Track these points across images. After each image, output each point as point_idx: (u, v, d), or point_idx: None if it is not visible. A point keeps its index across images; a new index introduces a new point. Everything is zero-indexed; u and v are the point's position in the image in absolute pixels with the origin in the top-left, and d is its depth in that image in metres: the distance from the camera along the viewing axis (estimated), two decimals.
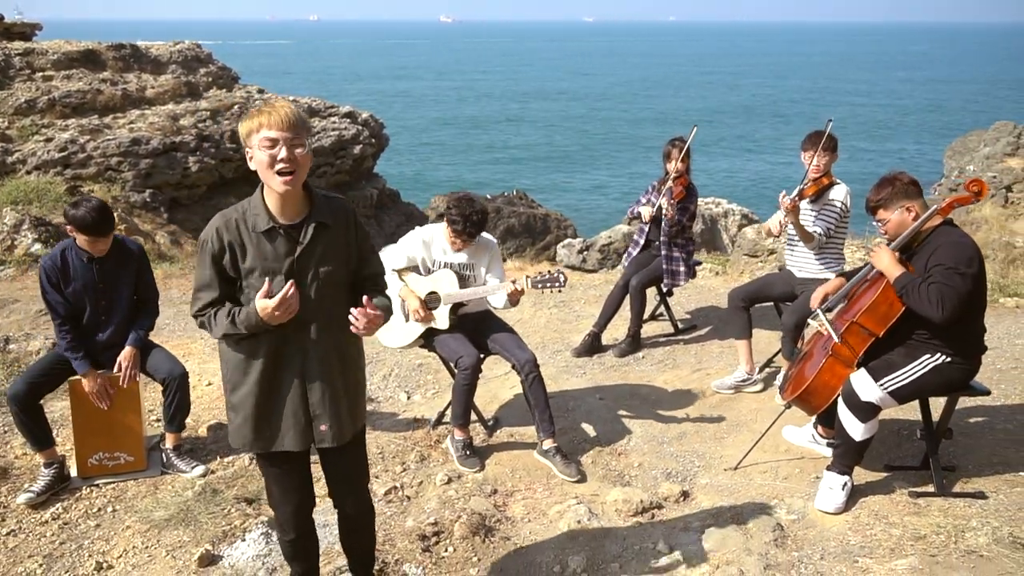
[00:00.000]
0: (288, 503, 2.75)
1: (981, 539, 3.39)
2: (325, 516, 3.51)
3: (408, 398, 5.14)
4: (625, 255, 6.08)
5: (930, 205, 3.63)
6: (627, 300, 5.77)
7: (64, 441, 4.28)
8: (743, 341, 5.11)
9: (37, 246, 7.80)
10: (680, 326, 6.19)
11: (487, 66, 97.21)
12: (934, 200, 3.73)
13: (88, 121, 12.64)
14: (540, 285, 4.05)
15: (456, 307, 4.25)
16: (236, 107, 14.30)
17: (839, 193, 4.81)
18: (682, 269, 5.70)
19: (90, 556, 3.41)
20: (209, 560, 3.34)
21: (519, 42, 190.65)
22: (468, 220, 4.10)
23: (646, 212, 5.66)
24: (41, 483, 3.82)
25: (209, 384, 5.18)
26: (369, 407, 4.99)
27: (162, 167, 12.44)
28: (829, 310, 3.97)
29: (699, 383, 5.32)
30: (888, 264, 3.53)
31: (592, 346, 5.75)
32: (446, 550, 3.53)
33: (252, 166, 2.43)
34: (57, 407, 4.66)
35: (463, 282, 4.25)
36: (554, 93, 63.65)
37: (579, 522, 3.73)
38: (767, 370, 5.36)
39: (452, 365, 4.20)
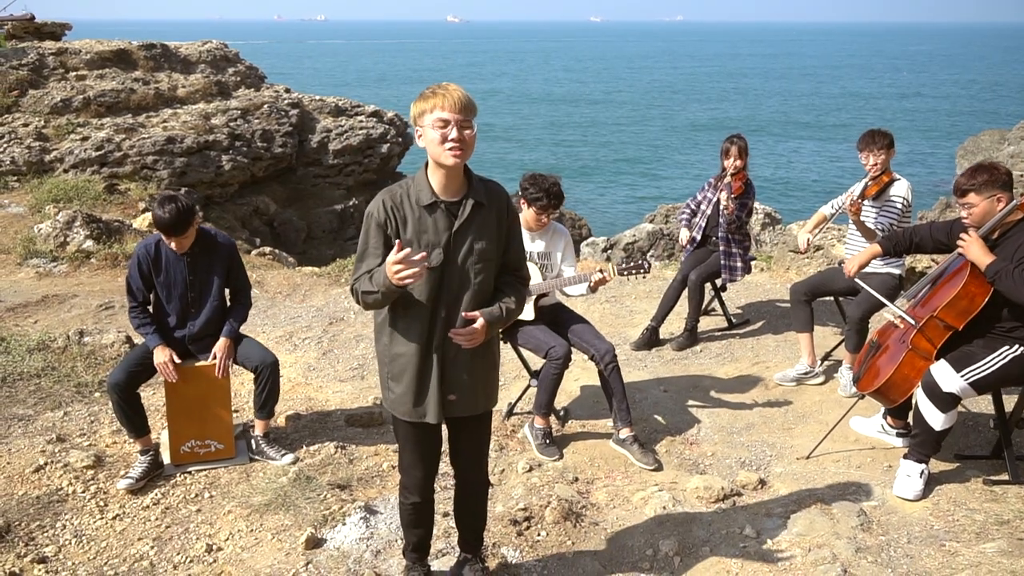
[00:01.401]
0: (419, 469, 2.89)
1: None
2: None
3: None
4: (683, 250, 6.17)
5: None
6: (684, 294, 5.86)
7: (156, 429, 4.39)
8: (805, 334, 5.19)
9: (89, 243, 7.93)
10: (734, 321, 6.28)
11: (499, 67, 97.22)
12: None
13: (123, 120, 12.79)
14: (626, 272, 4.15)
15: (538, 298, 4.35)
16: (265, 106, 14.42)
17: (900, 189, 4.90)
18: (739, 264, 5.80)
19: (198, 539, 3.52)
20: (315, 543, 3.45)
21: (528, 42, 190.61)
22: (550, 193, 4.19)
23: (684, 236, 5.79)
24: (139, 469, 3.93)
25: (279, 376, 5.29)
26: None
27: (196, 165, 12.59)
28: (907, 300, 4.06)
29: (760, 375, 5.41)
30: (979, 252, 3.62)
31: (650, 340, 5.85)
32: (539, 534, 3.63)
33: (420, 143, 2.58)
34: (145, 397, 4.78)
35: (541, 272, 4.35)
36: (562, 96, 63.74)
37: (664, 508, 3.83)
38: (826, 363, 5.44)
39: (542, 356, 4.28)
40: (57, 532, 3.54)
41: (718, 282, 6.10)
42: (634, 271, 4.19)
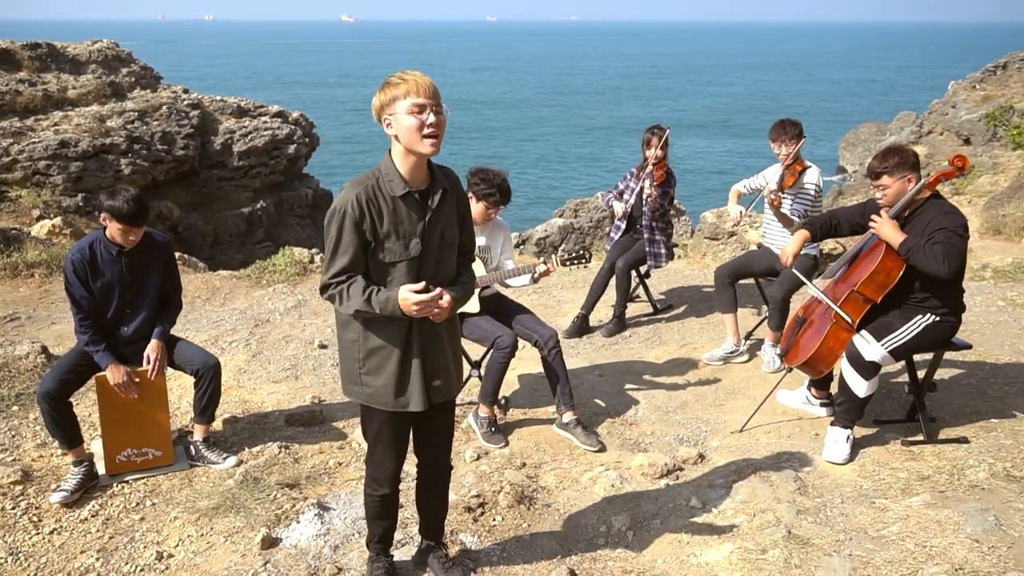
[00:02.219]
0: (391, 460, 2.90)
1: (980, 474, 3.77)
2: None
3: None
4: (607, 239, 6.32)
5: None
6: (611, 282, 6.02)
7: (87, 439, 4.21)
8: (730, 315, 5.42)
9: None
10: (658, 306, 6.48)
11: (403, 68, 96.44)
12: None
13: (9, 124, 12.09)
14: (569, 263, 4.24)
15: (481, 289, 4.40)
16: (164, 108, 13.90)
17: (812, 176, 5.17)
18: (663, 251, 5.99)
19: (145, 547, 3.41)
20: (271, 543, 3.39)
21: (426, 42, 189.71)
22: (501, 189, 4.27)
23: (619, 208, 5.95)
24: (73, 481, 3.77)
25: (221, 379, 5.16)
26: None
27: (93, 170, 12.03)
28: (829, 277, 4.30)
29: (688, 356, 5.61)
30: (891, 231, 3.87)
31: (581, 328, 5.98)
32: (494, 519, 3.68)
33: (391, 132, 2.56)
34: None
35: (484, 265, 4.40)
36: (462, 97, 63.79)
37: (612, 486, 3.95)
38: (749, 342, 5.69)
39: (488, 345, 4.33)
40: None
41: (642, 269, 6.29)
42: (576, 261, 4.29)
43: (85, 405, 4.54)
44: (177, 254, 9.79)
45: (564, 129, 46.95)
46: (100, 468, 3.98)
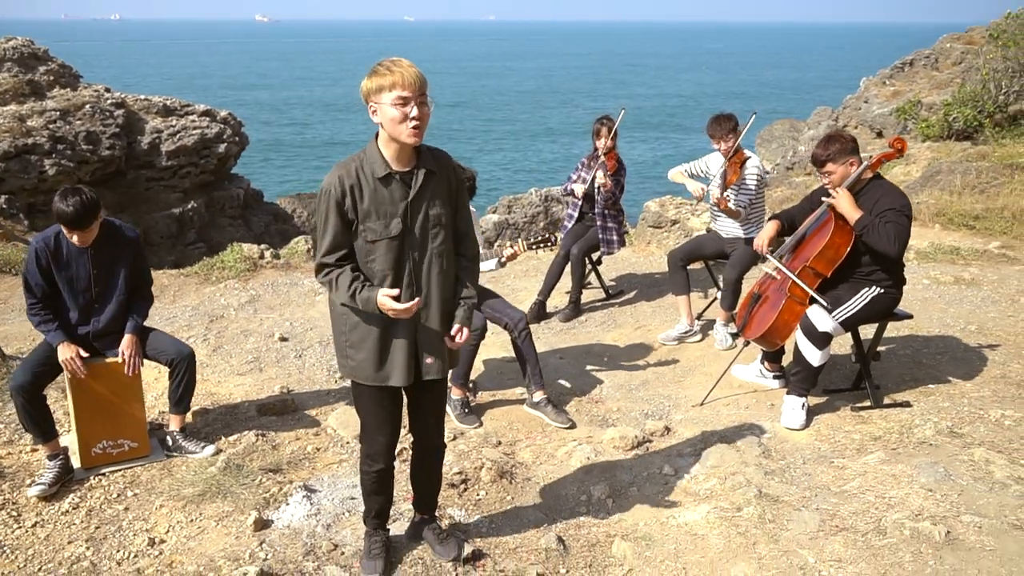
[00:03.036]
0: (383, 434, 2.97)
1: (927, 432, 4.08)
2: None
3: None
4: (561, 228, 6.50)
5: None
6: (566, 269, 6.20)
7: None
8: (683, 297, 5.66)
9: None
10: (610, 291, 6.69)
11: (322, 70, 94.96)
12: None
13: None
14: (535, 246, 4.38)
15: None
16: (87, 107, 13.48)
17: (751, 166, 5.43)
18: (615, 238, 6.20)
19: (135, 535, 3.40)
20: (263, 524, 3.43)
21: (343, 42, 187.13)
22: (471, 184, 4.39)
23: (579, 189, 6.11)
24: (49, 475, 3.72)
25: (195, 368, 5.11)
26: (344, 383, 5.12)
27: (15, 171, 11.63)
28: (780, 256, 4.56)
29: (644, 338, 5.83)
30: (848, 206, 4.13)
31: (539, 313, 6.13)
32: (478, 494, 3.80)
33: (376, 119, 2.64)
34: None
35: None
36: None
37: (588, 459, 4.11)
38: (700, 322, 5.94)
39: None
40: None
41: (594, 256, 6.48)
42: (542, 244, 4.45)
43: (53, 397, 4.45)
44: None
45: (487, 128, 47.16)
46: (75, 462, 3.93)
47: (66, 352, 3.75)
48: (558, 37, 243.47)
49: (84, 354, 3.80)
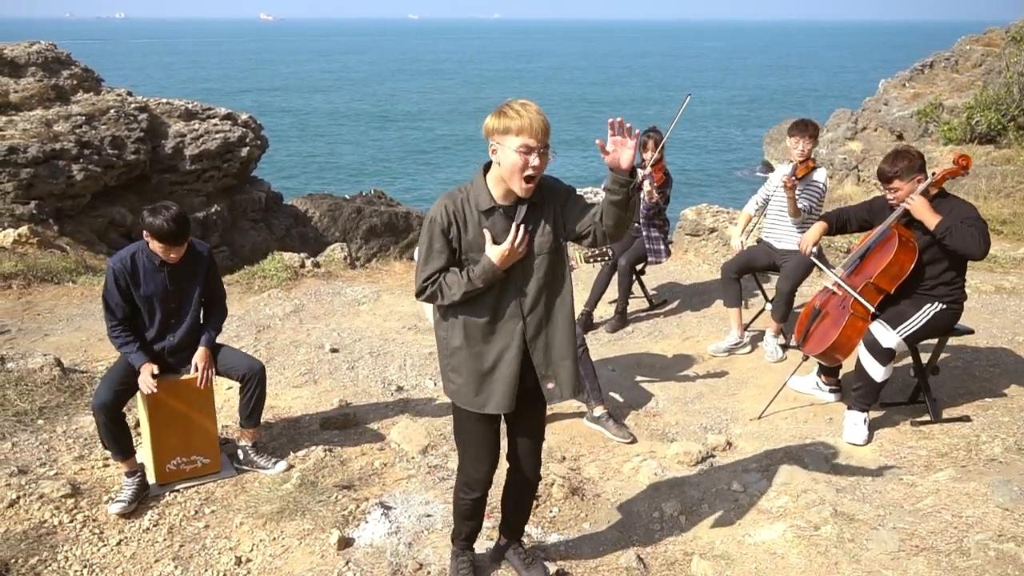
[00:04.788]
0: (484, 462, 2.99)
1: (996, 449, 4.10)
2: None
3: (435, 384, 5.33)
4: None
5: None
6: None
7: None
8: (735, 309, 5.68)
9: None
10: (654, 301, 6.72)
11: (335, 74, 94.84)
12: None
13: None
14: (592, 259, 4.42)
15: None
16: (112, 111, 13.53)
17: (820, 175, 5.48)
18: (662, 247, 6.22)
19: (220, 553, 3.44)
20: (346, 543, 3.46)
21: (351, 39, 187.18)
22: None
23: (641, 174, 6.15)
24: (128, 492, 3.76)
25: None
26: (401, 395, 5.16)
27: (44, 176, 11.67)
28: (843, 271, 4.57)
29: (692, 349, 5.86)
30: (927, 212, 4.13)
31: (587, 324, 6.16)
32: (551, 511, 3.83)
33: (494, 158, 2.67)
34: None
35: None
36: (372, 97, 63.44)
37: (655, 475, 4.14)
38: (749, 333, 5.96)
39: None
40: (62, 565, 3.35)
41: (638, 266, 6.51)
42: (599, 258, 4.48)
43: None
44: None
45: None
46: (149, 478, 3.97)
47: (145, 375, 3.79)
48: (556, 35, 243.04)
49: (155, 371, 3.84)
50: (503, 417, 3.00)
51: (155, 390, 3.79)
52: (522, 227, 2.72)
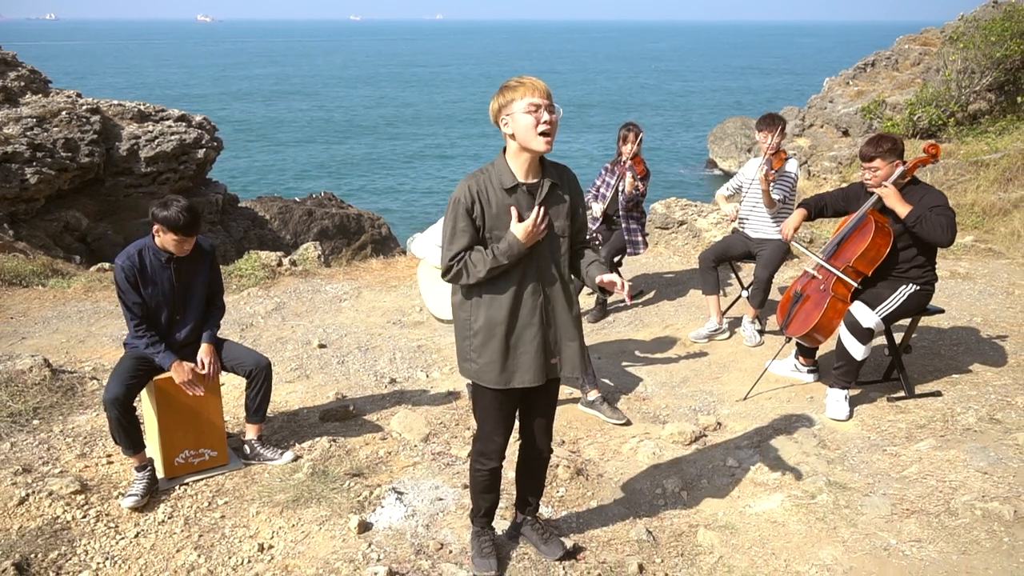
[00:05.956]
0: (500, 435, 3.11)
1: (970, 419, 4.36)
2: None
3: (427, 376, 5.43)
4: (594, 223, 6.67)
5: None
6: None
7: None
8: (713, 296, 5.89)
9: None
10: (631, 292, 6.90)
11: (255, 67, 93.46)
12: None
13: None
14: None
15: None
16: (63, 113, 13.24)
17: (792, 166, 5.72)
18: (640, 239, 6.40)
19: (241, 541, 3.48)
20: (365, 527, 3.54)
21: (291, 42, 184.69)
22: None
23: (597, 209, 6.33)
24: (140, 485, 3.77)
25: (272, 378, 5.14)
26: (395, 387, 5.24)
27: None
28: (823, 256, 4.80)
29: (673, 336, 6.05)
30: (898, 201, 4.38)
31: None
32: (558, 491, 3.96)
33: (507, 131, 2.80)
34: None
35: None
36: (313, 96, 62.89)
37: (654, 454, 4.30)
38: (726, 319, 6.18)
39: None
40: (83, 559, 3.35)
41: (615, 258, 6.68)
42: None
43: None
44: (107, 264, 9.48)
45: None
46: (158, 472, 3.98)
47: (182, 374, 3.83)
48: (499, 36, 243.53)
49: (201, 371, 3.89)
50: (522, 391, 3.11)
51: (201, 392, 3.84)
52: (543, 207, 2.85)
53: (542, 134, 2.77)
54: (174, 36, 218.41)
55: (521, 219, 2.84)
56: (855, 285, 4.54)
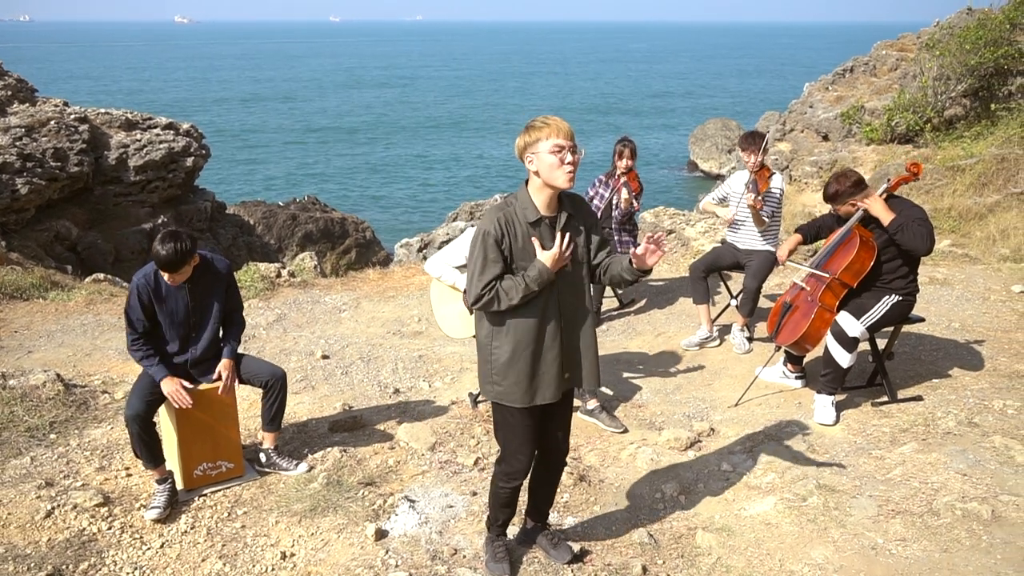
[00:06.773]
0: (525, 452, 3.28)
1: (950, 423, 4.60)
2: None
3: (430, 386, 5.60)
4: None
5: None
6: None
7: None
8: (703, 305, 6.11)
9: None
10: (623, 300, 7.11)
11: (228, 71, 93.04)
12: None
13: None
14: None
15: None
16: (52, 123, 13.28)
17: (776, 182, 5.93)
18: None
19: (263, 549, 3.65)
20: (382, 535, 3.72)
21: (270, 43, 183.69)
22: None
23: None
24: (161, 498, 3.92)
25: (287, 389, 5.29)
26: (399, 397, 5.42)
27: None
28: (813, 266, 5.02)
29: (666, 344, 6.27)
30: (882, 209, 4.62)
31: None
32: (563, 497, 4.15)
33: (532, 168, 2.99)
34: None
35: None
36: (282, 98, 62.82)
37: (652, 460, 4.51)
38: (716, 327, 6.40)
39: None
40: (112, 569, 3.51)
41: None
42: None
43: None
44: (102, 275, 9.57)
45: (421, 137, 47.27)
46: (177, 483, 4.14)
47: (171, 386, 3.96)
48: (480, 37, 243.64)
49: (188, 385, 4.02)
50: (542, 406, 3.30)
51: (190, 403, 3.97)
52: (567, 235, 3.05)
53: (568, 172, 2.97)
54: (150, 38, 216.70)
55: (544, 248, 3.03)
56: (841, 296, 4.77)
